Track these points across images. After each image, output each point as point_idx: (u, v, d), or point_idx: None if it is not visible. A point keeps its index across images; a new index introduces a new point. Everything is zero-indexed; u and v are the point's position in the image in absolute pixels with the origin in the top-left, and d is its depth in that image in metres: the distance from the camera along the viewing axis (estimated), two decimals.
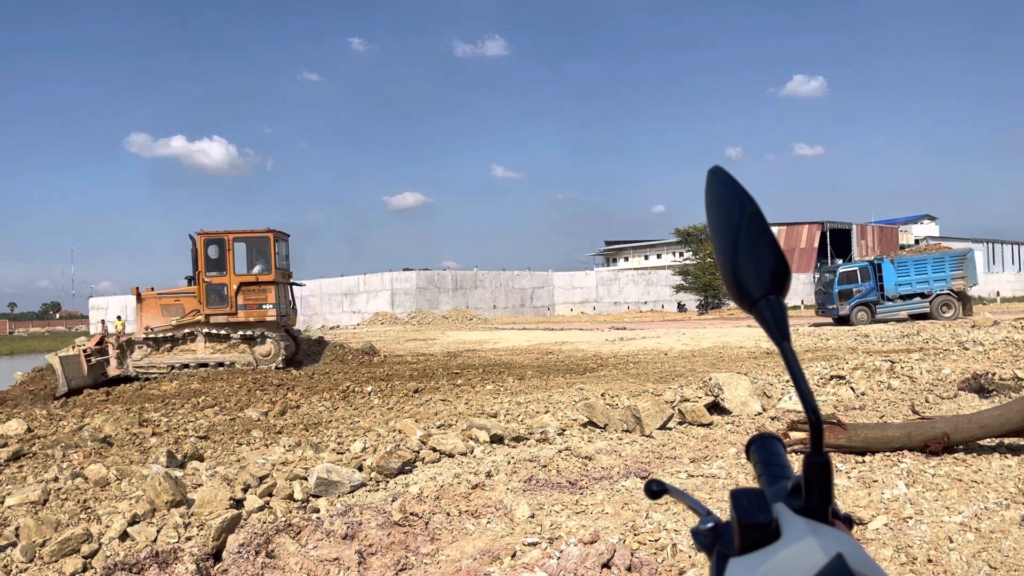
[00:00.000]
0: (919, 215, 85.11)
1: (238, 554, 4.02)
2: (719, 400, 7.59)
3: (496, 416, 8.28)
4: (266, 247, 16.65)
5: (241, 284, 16.43)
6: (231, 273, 16.49)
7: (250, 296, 16.50)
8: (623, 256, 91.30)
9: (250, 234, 16.73)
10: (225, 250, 16.49)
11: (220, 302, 16.45)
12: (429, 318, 47.68)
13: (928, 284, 25.80)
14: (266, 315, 16.51)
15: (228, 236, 16.52)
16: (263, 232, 16.67)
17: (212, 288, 16.48)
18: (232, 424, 9.59)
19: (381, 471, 5.70)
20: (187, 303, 16.72)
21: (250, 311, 16.46)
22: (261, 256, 16.79)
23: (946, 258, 26.37)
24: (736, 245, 0.70)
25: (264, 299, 16.56)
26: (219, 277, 16.49)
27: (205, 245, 16.50)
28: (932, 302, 25.52)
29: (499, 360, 18.17)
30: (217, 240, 16.54)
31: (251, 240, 16.78)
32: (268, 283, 16.59)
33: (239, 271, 16.60)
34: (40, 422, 10.47)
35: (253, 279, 16.54)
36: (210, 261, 16.52)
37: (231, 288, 16.43)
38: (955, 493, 4.15)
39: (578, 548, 3.63)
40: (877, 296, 25.92)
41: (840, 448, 5.09)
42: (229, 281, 16.46)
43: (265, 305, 16.55)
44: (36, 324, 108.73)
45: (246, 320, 16.45)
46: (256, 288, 16.55)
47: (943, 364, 9.61)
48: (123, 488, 5.87)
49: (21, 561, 4.24)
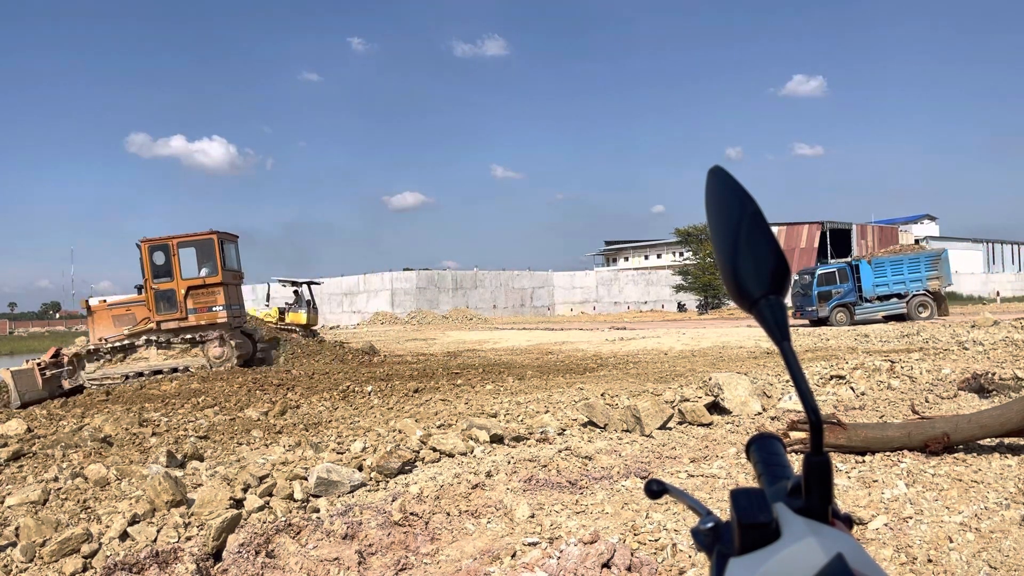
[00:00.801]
0: (919, 215, 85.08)
1: (238, 554, 4.02)
2: (719, 400, 7.59)
3: (496, 416, 8.28)
4: (211, 249, 16.58)
5: (189, 288, 16.40)
6: (178, 278, 16.45)
7: (199, 299, 16.47)
8: (623, 256, 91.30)
9: (194, 238, 16.66)
10: (170, 256, 16.44)
11: (170, 308, 16.43)
12: (429, 318, 47.70)
13: (905, 285, 25.83)
14: (217, 317, 16.46)
15: (172, 241, 16.48)
16: (207, 235, 16.62)
17: (161, 295, 16.45)
18: (232, 424, 9.59)
19: (381, 471, 5.70)
20: (138, 312, 16.69)
21: (200, 314, 16.43)
22: (208, 259, 16.72)
23: (921, 259, 26.41)
24: (736, 245, 0.70)
25: (213, 301, 16.52)
26: (167, 283, 16.46)
27: (150, 252, 16.46)
28: (909, 303, 25.54)
29: (499, 360, 18.17)
30: (161, 246, 16.51)
31: (196, 244, 16.71)
32: (216, 285, 16.52)
33: (186, 275, 16.55)
34: (40, 422, 10.47)
35: (200, 282, 16.48)
36: (156, 268, 16.50)
37: (179, 293, 16.41)
38: (955, 493, 4.15)
39: (578, 548, 3.63)
40: (856, 297, 25.88)
41: (840, 448, 5.10)
42: (177, 286, 16.44)
43: (215, 307, 16.51)
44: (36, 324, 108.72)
45: (197, 324, 16.42)
46: (205, 291, 16.50)
47: (943, 364, 9.61)
48: (123, 488, 5.87)
49: (21, 561, 4.24)
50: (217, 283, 16.50)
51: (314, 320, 25.79)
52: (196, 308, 16.43)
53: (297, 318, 25.24)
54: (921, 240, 77.37)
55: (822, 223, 66.68)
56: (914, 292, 25.69)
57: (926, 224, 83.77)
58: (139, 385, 15.01)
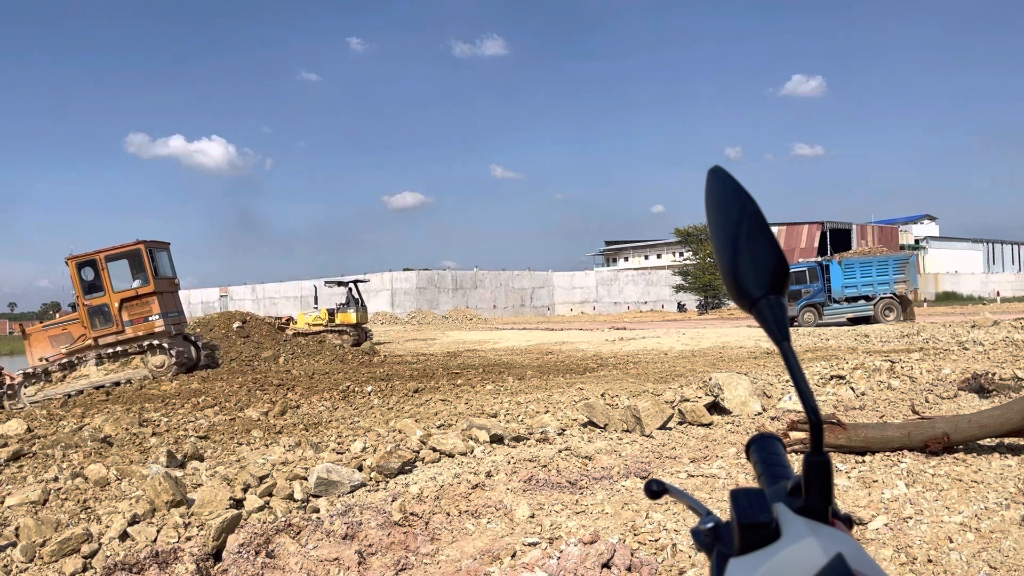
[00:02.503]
0: (919, 215, 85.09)
1: (238, 554, 4.02)
2: (719, 400, 7.59)
3: (496, 416, 8.28)
4: (140, 259, 16.42)
5: (122, 301, 16.24)
6: (109, 292, 16.29)
7: (134, 311, 16.30)
8: (623, 256, 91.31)
9: (122, 249, 16.51)
10: (99, 270, 16.28)
11: (105, 323, 16.26)
12: (429, 318, 47.69)
13: (873, 287, 25.76)
14: (154, 327, 16.30)
15: (99, 256, 16.31)
16: (134, 245, 16.46)
17: (94, 310, 16.27)
18: (232, 424, 9.59)
19: (381, 471, 5.70)
20: (74, 330, 16.51)
21: (137, 325, 16.26)
22: (138, 269, 16.58)
23: (890, 261, 26.37)
24: (736, 245, 0.70)
25: (148, 311, 16.36)
26: (99, 298, 16.28)
27: (78, 268, 16.29)
28: (876, 305, 25.49)
29: (499, 360, 18.17)
30: (89, 262, 16.34)
31: (125, 255, 16.57)
32: (149, 295, 16.35)
33: (117, 288, 16.39)
34: (40, 422, 10.48)
35: (133, 293, 16.32)
36: (86, 284, 16.31)
37: (113, 307, 16.24)
38: (955, 493, 4.15)
39: (578, 548, 3.63)
40: (825, 298, 25.81)
41: (840, 448, 5.09)
42: (109, 300, 16.27)
43: (151, 317, 16.36)
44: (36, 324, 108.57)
45: (135, 335, 16.26)
46: (139, 302, 16.33)
47: (943, 364, 9.61)
48: (123, 488, 5.88)
49: (21, 561, 4.24)
50: (150, 292, 16.29)
51: (364, 318, 25.82)
52: (132, 320, 16.23)
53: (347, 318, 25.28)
54: (921, 240, 77.42)
55: (822, 223, 66.70)
56: (881, 295, 25.67)
57: (926, 224, 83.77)
58: (139, 385, 15.02)
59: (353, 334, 24.69)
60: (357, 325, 25.24)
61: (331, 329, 24.90)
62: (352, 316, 25.31)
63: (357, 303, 25.87)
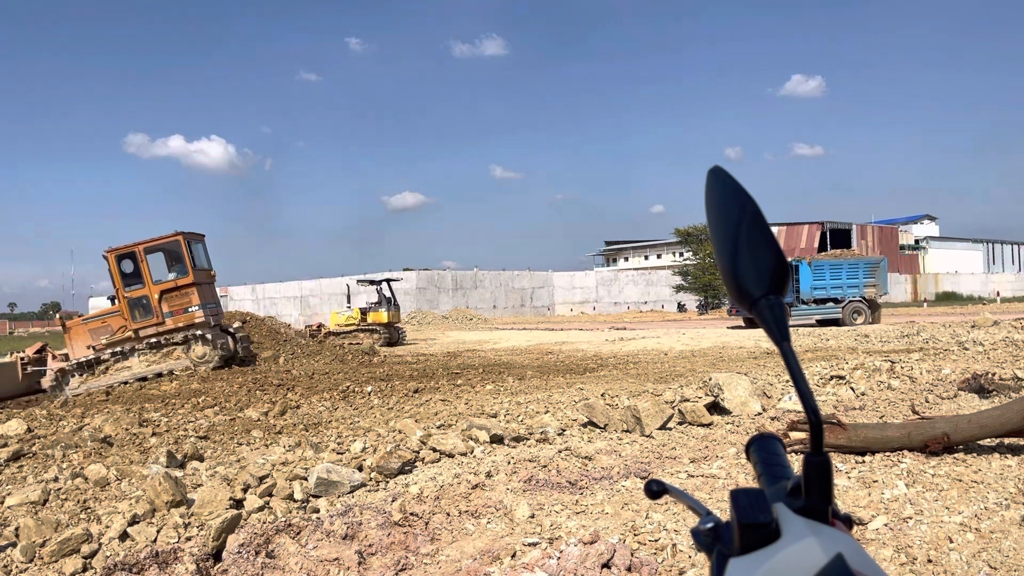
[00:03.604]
0: (919, 215, 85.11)
1: (238, 554, 4.02)
2: (719, 400, 7.59)
3: (496, 416, 8.28)
4: (179, 250, 16.53)
5: (162, 292, 16.36)
6: (149, 283, 16.39)
7: (174, 302, 16.41)
8: (623, 256, 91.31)
9: (160, 241, 16.62)
10: (138, 262, 16.39)
11: (145, 314, 16.39)
12: (429, 318, 47.69)
13: (842, 290, 25.69)
14: (194, 317, 16.42)
15: (138, 248, 16.42)
16: (172, 237, 16.55)
17: (134, 302, 16.39)
18: (232, 424, 9.59)
19: (381, 471, 5.70)
20: (114, 322, 16.65)
21: (177, 317, 16.38)
22: (176, 260, 16.70)
23: (860, 264, 26.33)
24: (736, 245, 0.70)
25: (188, 302, 16.47)
26: (139, 290, 16.39)
27: (118, 261, 16.40)
28: (844, 308, 25.44)
29: (499, 360, 18.17)
30: (128, 254, 16.44)
31: (163, 247, 16.70)
32: (188, 286, 16.46)
33: (157, 280, 16.52)
34: (40, 422, 10.47)
35: (172, 284, 16.42)
36: (126, 276, 16.43)
37: (153, 298, 16.35)
38: (955, 493, 4.15)
39: (578, 548, 3.63)
40: (793, 299, 25.71)
41: (840, 448, 5.09)
42: (149, 292, 16.38)
43: (191, 308, 16.46)
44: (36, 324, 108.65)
45: (175, 326, 16.39)
46: (178, 293, 16.44)
47: (943, 364, 9.61)
48: (123, 488, 5.87)
49: (21, 561, 4.24)
50: (189, 283, 16.41)
51: (395, 317, 25.74)
52: (172, 311, 16.36)
53: (379, 317, 25.20)
54: (921, 240, 77.42)
55: (822, 223, 66.70)
56: (850, 298, 25.58)
57: (926, 224, 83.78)
58: (139, 386, 15.02)
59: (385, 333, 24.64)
60: (389, 324, 25.17)
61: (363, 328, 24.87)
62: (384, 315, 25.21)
63: (389, 302, 25.80)
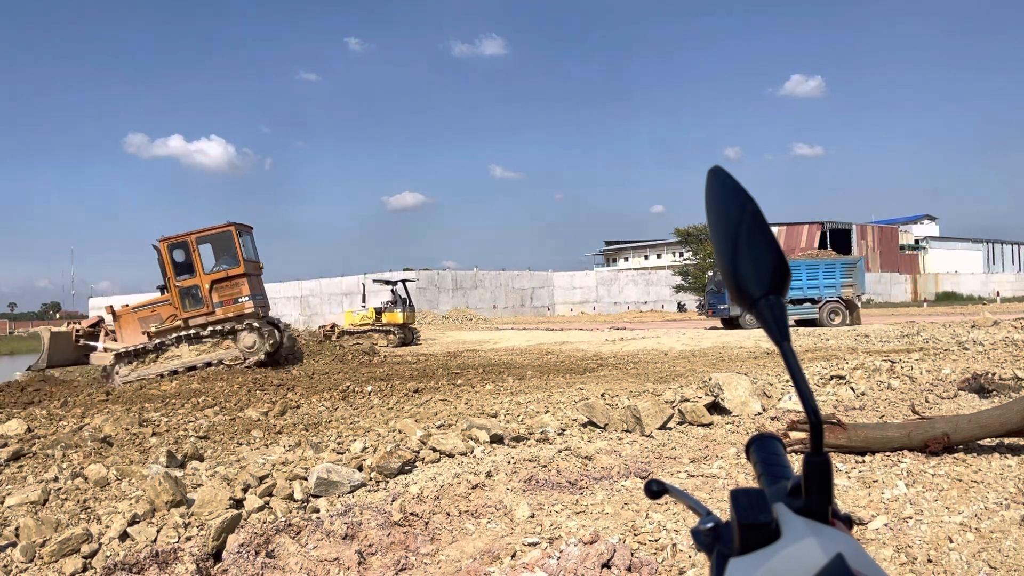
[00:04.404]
0: (919, 215, 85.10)
1: (238, 554, 4.02)
2: (719, 400, 7.59)
3: (496, 416, 8.28)
4: (230, 242, 16.69)
5: (213, 282, 16.52)
6: (200, 273, 16.56)
7: (224, 292, 16.59)
8: (623, 256, 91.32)
9: (212, 231, 16.81)
10: (190, 252, 16.57)
11: (196, 304, 16.55)
12: (429, 318, 47.66)
13: (819, 290, 25.68)
14: (244, 308, 16.58)
15: (191, 237, 16.60)
16: (224, 227, 16.73)
17: (185, 292, 16.57)
18: (232, 424, 9.59)
19: (381, 471, 5.70)
20: (163, 311, 16.84)
21: (227, 307, 16.55)
22: (227, 251, 16.85)
23: (837, 265, 26.33)
24: (736, 245, 0.70)
25: (238, 292, 16.64)
26: (190, 279, 16.57)
27: (170, 250, 16.58)
28: (821, 308, 25.43)
29: (499, 360, 18.17)
30: (180, 243, 16.63)
31: (214, 237, 16.85)
32: (239, 276, 16.64)
33: (208, 270, 16.68)
34: (40, 422, 10.47)
35: (224, 275, 16.59)
36: (178, 265, 16.60)
37: (204, 288, 16.52)
38: (955, 493, 4.15)
39: (578, 548, 3.63)
40: None
41: (840, 448, 5.09)
42: (200, 281, 16.55)
43: (241, 298, 16.63)
44: (36, 324, 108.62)
45: (225, 316, 16.55)
46: (228, 283, 16.63)
47: (943, 364, 9.61)
48: (123, 488, 5.87)
49: (21, 561, 4.23)
50: (240, 274, 16.60)
51: (410, 318, 25.70)
52: (222, 301, 16.55)
53: (393, 317, 25.13)
54: (921, 240, 77.41)
55: (822, 223, 66.70)
56: (827, 298, 25.56)
57: (926, 224, 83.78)
58: (139, 385, 15.02)
59: (399, 334, 24.57)
60: (404, 325, 25.09)
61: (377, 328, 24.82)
62: (398, 316, 25.13)
63: (404, 302, 25.73)
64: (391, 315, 25.29)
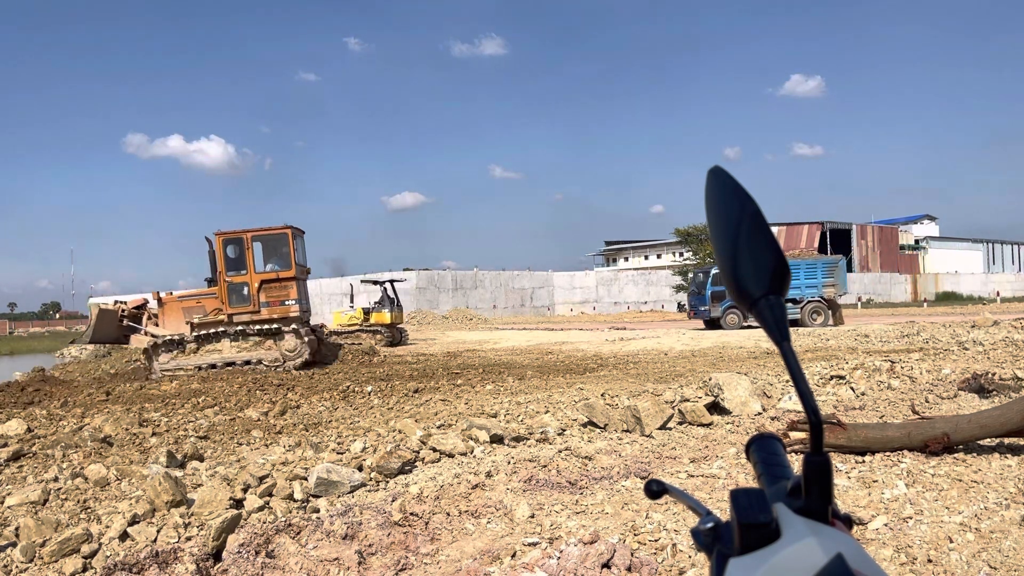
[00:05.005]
0: (919, 215, 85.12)
1: (238, 554, 4.02)
2: (719, 400, 7.59)
3: (496, 416, 8.28)
4: (284, 244, 16.82)
5: (262, 282, 16.62)
6: (251, 271, 16.66)
7: (272, 293, 16.71)
8: (623, 256, 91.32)
9: (268, 231, 16.92)
10: (244, 249, 16.66)
11: (242, 301, 16.64)
12: (429, 318, 47.66)
13: (800, 290, 25.67)
14: (289, 311, 16.67)
15: (246, 235, 16.70)
16: (281, 229, 16.85)
17: (233, 287, 16.66)
18: (232, 424, 9.59)
19: (381, 471, 5.70)
20: (208, 304, 16.94)
21: (273, 308, 16.65)
22: (279, 253, 16.96)
23: (819, 264, 26.34)
24: (736, 245, 0.70)
25: (286, 295, 16.76)
26: (240, 276, 16.66)
27: (224, 245, 16.68)
28: (803, 308, 25.43)
29: (499, 360, 18.16)
30: (235, 239, 16.73)
31: (269, 237, 16.96)
32: (289, 279, 16.75)
33: (259, 269, 16.79)
34: (40, 422, 10.47)
35: (274, 276, 16.70)
36: (230, 261, 16.69)
37: (252, 287, 16.62)
38: (955, 493, 4.15)
39: (578, 548, 3.63)
40: None
41: (840, 448, 5.09)
42: (250, 279, 16.64)
43: (287, 301, 16.73)
44: (36, 324, 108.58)
45: (269, 317, 16.64)
46: (277, 285, 16.74)
47: (943, 364, 9.61)
48: (123, 488, 5.87)
49: (21, 561, 4.23)
50: (290, 277, 16.70)
51: (399, 318, 25.81)
52: (268, 302, 16.65)
53: (381, 317, 25.20)
54: (921, 240, 77.41)
55: (822, 223, 66.71)
56: (809, 298, 25.56)
57: (926, 224, 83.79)
58: (139, 385, 15.03)
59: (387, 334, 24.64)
60: (392, 325, 25.16)
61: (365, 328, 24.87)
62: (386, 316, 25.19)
63: (392, 302, 25.80)
64: (379, 315, 25.37)
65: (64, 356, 16.49)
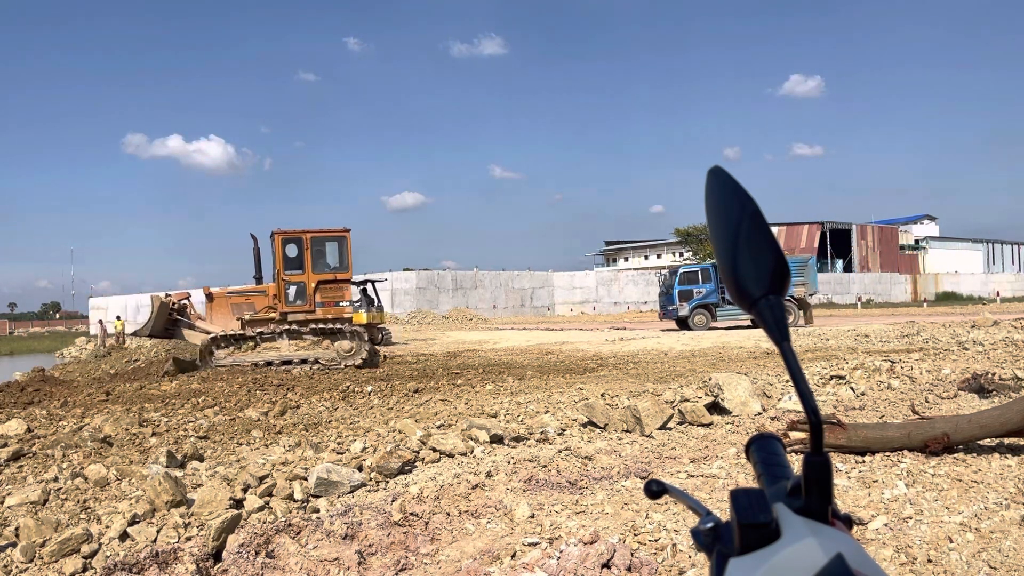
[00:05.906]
0: (919, 215, 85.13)
1: (238, 554, 4.02)
2: (719, 400, 7.59)
3: (496, 416, 8.28)
4: (343, 245, 17.06)
5: (319, 282, 16.78)
6: (309, 271, 16.82)
7: (327, 294, 16.88)
8: (623, 256, 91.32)
9: (326, 233, 17.13)
10: (303, 248, 16.83)
11: (298, 300, 16.79)
12: (429, 318, 47.65)
13: None
14: (344, 312, 16.89)
15: (305, 235, 16.89)
16: (340, 231, 17.07)
17: (290, 286, 16.82)
18: (232, 424, 9.59)
19: (381, 471, 5.70)
20: (258, 301, 17.08)
21: (328, 308, 16.81)
22: (336, 254, 17.17)
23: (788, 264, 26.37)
24: (736, 245, 0.70)
25: (341, 296, 17.01)
26: (297, 275, 16.82)
27: (283, 244, 16.86)
28: None
29: (499, 360, 18.16)
30: (295, 239, 16.93)
31: (327, 239, 17.16)
32: (345, 281, 17.00)
33: (316, 270, 16.98)
34: (40, 422, 10.47)
35: (331, 277, 16.88)
36: (288, 260, 16.87)
37: (309, 286, 16.78)
38: (955, 493, 4.15)
39: (578, 548, 3.63)
40: (717, 299, 25.51)
41: (840, 448, 5.09)
42: (307, 279, 16.81)
43: (342, 303, 16.97)
44: (36, 324, 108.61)
45: (324, 317, 16.77)
46: (334, 286, 16.92)
47: (943, 364, 9.61)
48: (123, 488, 5.87)
49: (21, 561, 4.24)
50: (347, 279, 16.97)
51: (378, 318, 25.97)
52: (323, 302, 16.80)
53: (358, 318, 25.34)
54: (921, 240, 77.41)
55: (822, 223, 66.72)
56: None
57: (926, 224, 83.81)
58: (139, 385, 15.02)
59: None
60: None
61: None
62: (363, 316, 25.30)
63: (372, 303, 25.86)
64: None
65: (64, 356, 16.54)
